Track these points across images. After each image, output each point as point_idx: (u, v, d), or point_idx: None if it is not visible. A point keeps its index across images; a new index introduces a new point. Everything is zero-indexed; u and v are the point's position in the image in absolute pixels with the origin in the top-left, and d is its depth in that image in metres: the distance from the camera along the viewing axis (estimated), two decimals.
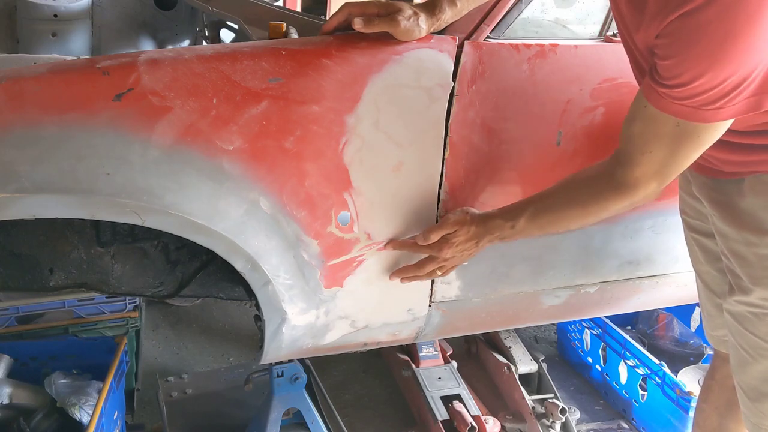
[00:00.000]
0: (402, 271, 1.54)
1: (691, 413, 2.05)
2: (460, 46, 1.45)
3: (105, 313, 2.24)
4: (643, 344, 2.52)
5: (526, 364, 2.39)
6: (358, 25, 1.36)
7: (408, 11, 1.38)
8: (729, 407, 1.67)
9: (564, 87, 1.55)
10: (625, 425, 2.41)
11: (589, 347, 2.58)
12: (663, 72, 1.11)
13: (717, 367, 1.73)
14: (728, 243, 1.39)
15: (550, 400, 2.25)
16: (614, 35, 1.62)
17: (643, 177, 1.26)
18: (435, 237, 1.47)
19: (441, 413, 2.15)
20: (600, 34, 1.65)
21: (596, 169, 1.36)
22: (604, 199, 1.34)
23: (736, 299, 1.40)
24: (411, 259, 1.56)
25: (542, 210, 1.42)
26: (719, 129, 1.18)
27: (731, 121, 1.17)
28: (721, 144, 1.31)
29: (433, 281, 1.62)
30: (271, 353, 1.57)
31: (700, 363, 2.46)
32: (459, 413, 2.11)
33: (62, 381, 1.92)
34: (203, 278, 1.62)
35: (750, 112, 1.13)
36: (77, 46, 2.46)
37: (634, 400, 2.36)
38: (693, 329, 2.57)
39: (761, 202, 1.30)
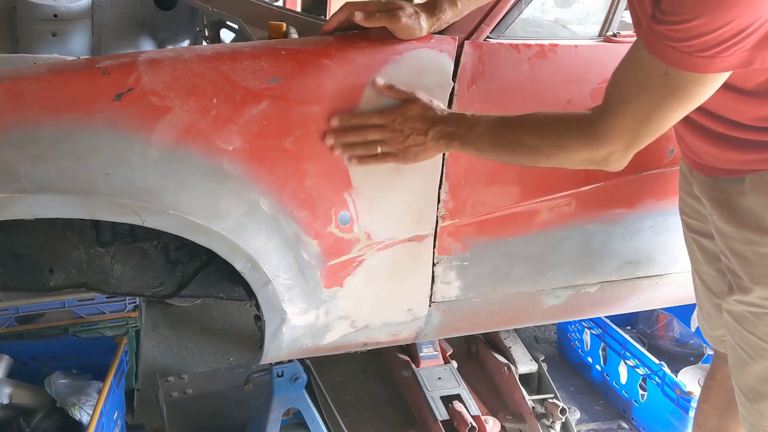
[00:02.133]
0: (342, 136, 1.37)
1: (691, 413, 2.05)
2: (460, 46, 1.45)
3: (105, 313, 2.24)
4: (643, 344, 2.52)
5: (526, 364, 2.39)
6: (358, 17, 1.36)
7: (409, 9, 1.38)
8: (729, 407, 1.67)
9: (564, 87, 1.55)
10: (625, 425, 2.41)
11: (589, 347, 2.58)
12: (665, 6, 1.08)
13: (717, 367, 1.73)
14: (728, 242, 1.38)
15: (550, 400, 2.25)
16: (614, 35, 1.62)
17: (614, 128, 1.20)
18: (394, 94, 1.37)
19: (441, 413, 2.15)
20: (600, 34, 1.65)
21: (575, 112, 1.32)
22: (566, 137, 1.27)
23: (735, 299, 1.39)
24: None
25: (506, 124, 1.34)
26: (707, 85, 1.13)
27: (720, 80, 1.13)
28: (721, 140, 1.31)
29: (433, 281, 1.62)
30: (271, 353, 1.57)
31: (700, 363, 2.46)
32: (459, 413, 2.11)
33: (62, 381, 1.92)
34: (203, 278, 1.62)
35: (740, 68, 1.10)
36: (77, 46, 2.46)
37: (634, 400, 2.36)
38: (693, 329, 2.57)
39: (762, 201, 1.30)
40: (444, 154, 1.48)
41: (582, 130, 1.25)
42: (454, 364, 2.38)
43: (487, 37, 1.48)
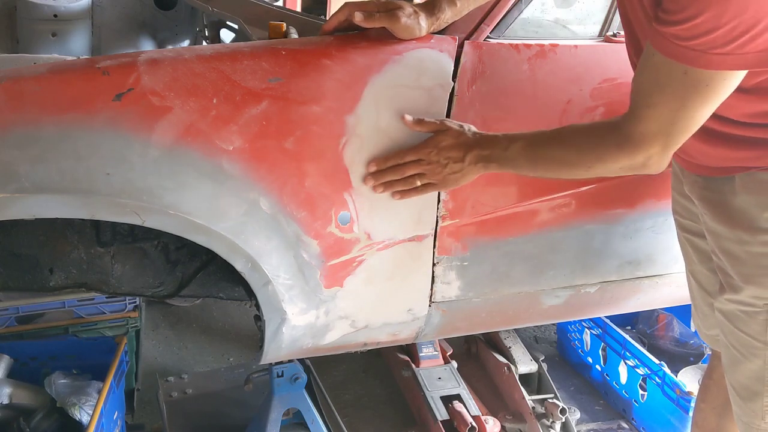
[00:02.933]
0: (381, 176, 1.42)
1: (691, 413, 2.05)
2: (460, 46, 1.45)
3: (105, 313, 2.24)
4: (643, 344, 2.52)
5: (526, 364, 2.39)
6: (358, 18, 1.36)
7: (408, 9, 1.38)
8: (727, 407, 1.66)
9: (564, 87, 1.55)
10: (625, 425, 2.41)
11: (589, 347, 2.58)
12: (669, 5, 1.08)
13: (715, 366, 1.73)
14: (719, 241, 1.38)
15: (550, 400, 2.25)
16: (614, 35, 1.62)
17: (647, 134, 1.20)
18: (424, 128, 1.40)
19: (441, 413, 2.15)
20: (600, 34, 1.65)
21: (605, 121, 1.32)
22: (603, 149, 1.27)
23: (727, 298, 1.40)
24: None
25: (541, 142, 1.35)
26: (728, 80, 1.12)
27: (741, 75, 1.12)
28: (711, 136, 1.31)
29: (433, 281, 1.62)
30: (271, 353, 1.57)
31: (700, 363, 2.46)
32: (459, 413, 2.11)
33: (62, 381, 1.92)
34: (203, 278, 1.62)
35: (761, 68, 1.09)
36: (77, 46, 2.46)
37: (634, 400, 2.36)
38: (693, 329, 2.57)
39: (753, 200, 1.30)
40: None
41: (616, 140, 1.25)
42: (454, 364, 2.38)
43: (487, 37, 1.48)
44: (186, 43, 2.68)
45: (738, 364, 1.42)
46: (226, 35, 2.43)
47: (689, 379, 2.30)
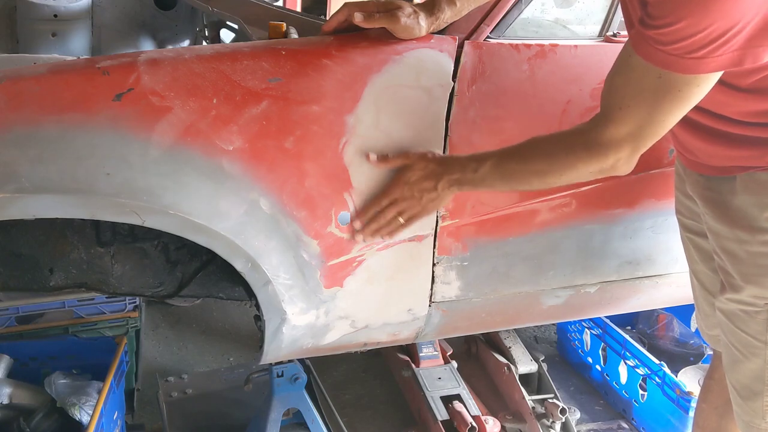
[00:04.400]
0: (367, 230, 1.46)
1: (691, 413, 2.05)
2: (460, 46, 1.45)
3: (105, 313, 2.23)
4: (643, 344, 2.52)
5: (526, 364, 2.39)
6: (358, 18, 1.36)
7: (408, 9, 1.38)
8: (728, 407, 1.66)
9: (564, 87, 1.55)
10: (625, 425, 2.41)
11: (589, 347, 2.58)
12: (652, 11, 1.10)
13: (716, 366, 1.73)
14: (720, 241, 1.39)
15: (550, 400, 2.25)
16: (614, 35, 1.62)
17: (617, 136, 1.21)
18: (389, 165, 1.42)
19: (441, 413, 2.15)
20: (600, 34, 1.65)
21: (571, 129, 1.33)
22: (573, 155, 1.28)
23: (727, 297, 1.40)
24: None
25: (509, 157, 1.36)
26: (700, 86, 1.14)
27: (713, 79, 1.14)
28: (710, 135, 1.31)
29: (433, 281, 1.62)
30: (271, 353, 1.57)
31: (700, 363, 2.46)
32: (459, 413, 2.11)
33: (62, 381, 1.92)
34: (203, 278, 1.62)
35: (733, 68, 1.11)
36: (77, 46, 2.46)
37: (634, 400, 2.36)
38: (693, 329, 2.57)
39: (753, 200, 1.31)
40: (444, 153, 1.48)
41: (586, 146, 1.26)
42: (454, 364, 2.38)
43: (487, 37, 1.48)
44: (186, 43, 2.68)
45: (738, 363, 1.42)
46: (226, 35, 2.43)
47: (689, 379, 2.30)
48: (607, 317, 2.45)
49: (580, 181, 1.36)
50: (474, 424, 2.07)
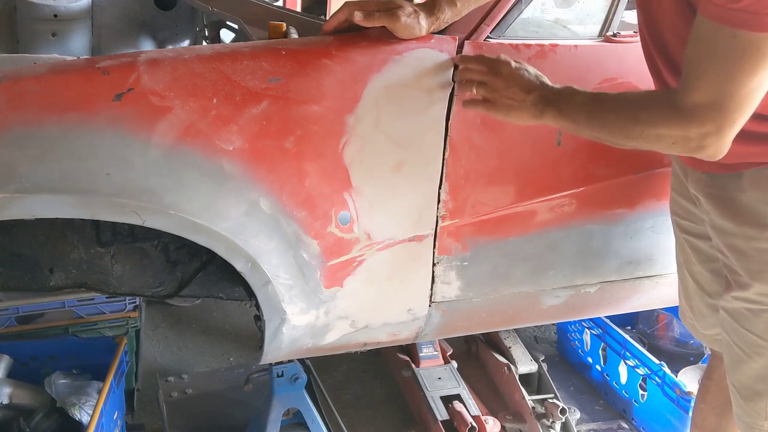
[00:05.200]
0: (465, 72, 1.41)
1: (691, 413, 2.05)
2: (460, 46, 1.45)
3: (105, 313, 2.23)
4: (643, 344, 2.51)
5: (526, 364, 2.39)
6: (358, 17, 1.36)
7: (408, 8, 1.38)
8: (727, 407, 1.66)
9: None
10: (625, 425, 2.41)
11: (589, 347, 2.58)
12: None
13: (714, 366, 1.73)
14: (727, 239, 1.38)
15: (550, 400, 2.25)
16: (614, 35, 1.62)
17: (698, 105, 1.14)
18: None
19: (441, 413, 2.15)
20: (600, 34, 1.65)
21: (661, 90, 1.28)
22: (657, 114, 1.21)
23: (733, 295, 1.40)
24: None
25: (602, 99, 1.30)
26: None
27: None
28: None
29: (433, 281, 1.62)
30: (271, 353, 1.57)
31: (700, 363, 2.46)
32: (459, 413, 2.11)
33: (62, 381, 1.92)
34: (203, 278, 1.62)
35: None
36: (77, 46, 2.46)
37: (634, 400, 2.36)
38: None
39: (762, 196, 1.30)
40: (444, 154, 1.48)
41: (668, 108, 1.19)
42: (454, 364, 2.38)
43: (487, 37, 1.48)
44: (186, 43, 2.68)
45: (741, 363, 1.41)
46: (226, 35, 2.43)
47: (689, 379, 2.30)
48: (607, 317, 2.45)
49: (665, 150, 1.29)
50: (474, 424, 2.07)
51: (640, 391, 2.32)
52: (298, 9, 3.64)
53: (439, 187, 1.51)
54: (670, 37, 1.29)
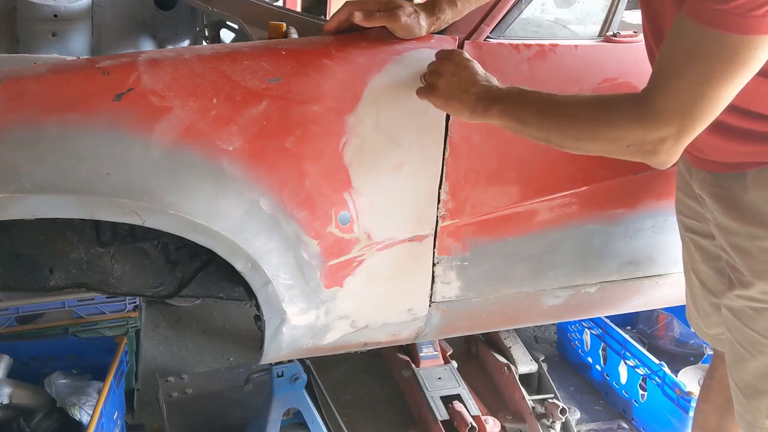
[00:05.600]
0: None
1: (692, 413, 2.05)
2: (461, 46, 1.45)
3: (105, 313, 2.23)
4: (643, 344, 2.51)
5: (526, 364, 2.39)
6: (358, 18, 1.36)
7: (409, 8, 1.38)
8: (729, 406, 1.66)
9: (564, 87, 1.55)
10: (625, 425, 2.41)
11: (589, 347, 2.58)
12: None
13: (716, 366, 1.73)
14: (730, 238, 1.38)
15: (550, 400, 2.25)
16: (614, 35, 1.62)
17: (665, 108, 1.11)
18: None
19: (441, 413, 2.15)
20: (600, 34, 1.65)
21: (626, 93, 1.22)
22: (617, 114, 1.17)
23: (737, 294, 1.40)
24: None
25: (555, 98, 1.26)
26: (759, 49, 1.05)
27: None
28: (725, 130, 1.29)
29: (433, 281, 1.62)
30: (271, 353, 1.57)
31: (700, 363, 2.46)
32: (459, 413, 2.11)
33: (62, 381, 1.92)
34: (203, 278, 1.62)
35: None
36: (77, 46, 2.46)
37: (634, 400, 2.36)
38: (693, 329, 2.57)
39: (765, 196, 1.31)
40: (444, 154, 1.48)
41: (632, 108, 1.15)
42: (454, 364, 2.38)
43: (487, 37, 1.48)
44: (186, 43, 2.68)
45: (743, 361, 1.42)
46: (226, 35, 2.43)
47: (689, 379, 2.30)
48: (607, 317, 2.45)
49: (614, 155, 1.22)
50: (474, 424, 2.07)
51: (640, 391, 2.32)
52: (298, 9, 3.64)
53: (439, 187, 1.51)
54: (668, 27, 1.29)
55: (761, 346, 1.37)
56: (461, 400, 2.19)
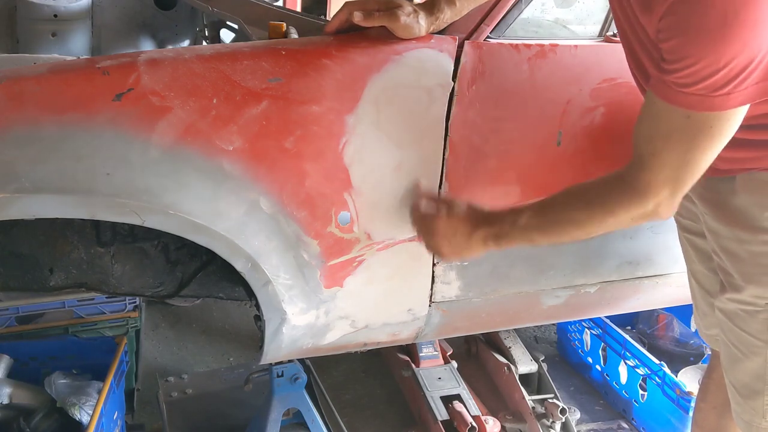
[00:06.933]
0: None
1: (691, 413, 2.05)
2: (460, 46, 1.45)
3: (105, 313, 2.24)
4: (643, 344, 2.52)
5: (526, 364, 2.39)
6: (357, 18, 1.36)
7: (408, 8, 1.38)
8: (727, 406, 1.66)
9: (564, 87, 1.55)
10: (625, 425, 2.41)
11: (589, 347, 2.58)
12: (668, 56, 1.10)
13: (714, 366, 1.73)
14: (720, 241, 1.39)
15: (550, 400, 2.25)
16: (614, 35, 1.62)
17: (654, 181, 1.19)
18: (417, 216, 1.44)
19: (441, 413, 2.15)
20: (600, 34, 1.65)
21: (609, 175, 1.29)
22: (612, 202, 1.25)
23: (728, 297, 1.40)
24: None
25: (547, 208, 1.33)
26: (731, 120, 1.12)
27: (743, 111, 1.13)
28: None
29: (433, 281, 1.62)
30: (271, 353, 1.57)
31: (700, 363, 2.46)
32: (459, 413, 2.11)
33: (62, 381, 1.92)
34: (203, 278, 1.62)
35: (761, 99, 1.10)
36: (77, 46, 2.46)
37: (634, 400, 2.36)
38: (693, 329, 2.57)
39: (753, 199, 1.31)
40: (444, 154, 1.48)
41: (624, 193, 1.23)
42: (454, 364, 2.38)
43: (487, 37, 1.48)
44: (186, 43, 2.68)
45: (738, 362, 1.42)
46: (226, 35, 2.43)
47: (689, 379, 2.30)
48: (607, 317, 2.45)
49: (623, 228, 1.31)
50: (474, 424, 2.07)
51: (640, 391, 2.33)
52: (298, 9, 3.64)
53: (439, 187, 1.51)
54: (642, 55, 1.30)
55: (755, 348, 1.38)
56: (461, 400, 2.19)
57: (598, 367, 2.55)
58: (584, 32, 1.79)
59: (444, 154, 1.49)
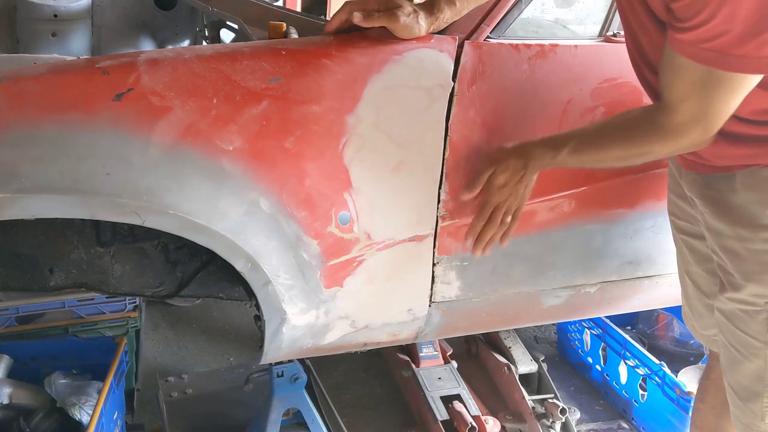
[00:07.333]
0: (480, 241, 1.53)
1: (691, 413, 2.05)
2: (460, 46, 1.45)
3: (105, 313, 2.24)
4: (643, 344, 2.52)
5: (526, 364, 2.39)
6: (357, 18, 1.36)
7: (408, 8, 1.38)
8: (725, 406, 1.66)
9: (564, 87, 1.55)
10: (625, 425, 2.41)
11: (589, 347, 2.58)
12: (680, 14, 1.11)
13: (712, 366, 1.73)
14: (720, 240, 1.39)
15: (550, 400, 2.25)
16: (614, 35, 1.62)
17: (684, 124, 1.23)
18: (478, 185, 1.47)
19: (441, 413, 2.15)
20: (600, 34, 1.65)
21: (639, 112, 1.34)
22: (648, 141, 1.30)
23: (727, 296, 1.40)
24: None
25: (585, 145, 1.39)
26: (749, 80, 1.15)
27: (759, 76, 1.14)
28: (721, 136, 1.30)
29: (433, 282, 1.62)
30: (271, 353, 1.57)
31: (700, 363, 2.46)
32: (459, 413, 2.11)
33: (62, 381, 1.93)
34: (203, 278, 1.62)
35: None
36: (77, 46, 2.46)
37: (634, 400, 2.36)
38: None
39: (754, 197, 1.31)
40: (444, 154, 1.48)
41: (657, 133, 1.28)
42: (454, 364, 2.38)
43: (487, 37, 1.48)
44: (186, 43, 2.69)
45: (737, 364, 1.41)
46: (226, 35, 2.43)
47: (689, 379, 2.30)
48: (607, 317, 2.45)
49: (670, 154, 1.39)
50: (474, 424, 2.07)
51: (640, 391, 2.33)
52: (298, 9, 3.64)
53: (439, 187, 1.51)
54: (643, 38, 1.31)
55: (754, 349, 1.37)
56: (461, 400, 2.19)
57: (598, 367, 2.55)
58: (584, 32, 1.79)
59: (444, 154, 1.49)
